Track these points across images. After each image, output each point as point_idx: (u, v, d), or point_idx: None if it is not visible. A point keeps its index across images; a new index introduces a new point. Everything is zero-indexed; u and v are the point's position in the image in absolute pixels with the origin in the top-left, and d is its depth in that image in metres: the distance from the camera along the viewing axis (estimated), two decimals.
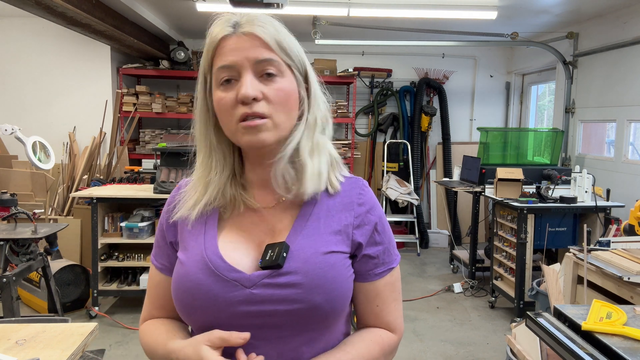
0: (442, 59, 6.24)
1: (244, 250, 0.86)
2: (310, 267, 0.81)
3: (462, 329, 3.66)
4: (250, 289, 0.80)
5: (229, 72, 0.80)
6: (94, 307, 3.70)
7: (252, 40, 0.80)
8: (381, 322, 0.92)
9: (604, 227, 3.60)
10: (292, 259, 0.81)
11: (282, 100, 0.81)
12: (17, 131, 2.93)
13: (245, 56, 0.79)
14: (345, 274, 0.85)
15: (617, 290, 2.09)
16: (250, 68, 0.80)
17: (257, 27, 0.81)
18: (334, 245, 0.85)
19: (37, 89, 5.28)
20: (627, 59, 4.18)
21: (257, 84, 0.80)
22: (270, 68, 0.80)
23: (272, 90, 0.80)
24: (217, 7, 4.21)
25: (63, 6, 3.26)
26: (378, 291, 0.90)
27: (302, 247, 0.83)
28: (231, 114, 0.80)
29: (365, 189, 0.92)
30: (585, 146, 4.96)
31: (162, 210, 0.96)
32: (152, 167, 4.19)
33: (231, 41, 0.80)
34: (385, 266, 0.90)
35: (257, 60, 0.80)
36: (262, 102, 0.79)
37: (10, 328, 1.44)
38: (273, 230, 0.87)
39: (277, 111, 0.81)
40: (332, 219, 0.87)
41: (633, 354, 1.17)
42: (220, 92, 0.81)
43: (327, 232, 0.86)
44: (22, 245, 2.78)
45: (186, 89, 5.99)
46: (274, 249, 0.82)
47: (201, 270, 0.82)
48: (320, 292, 0.80)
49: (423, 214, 6.14)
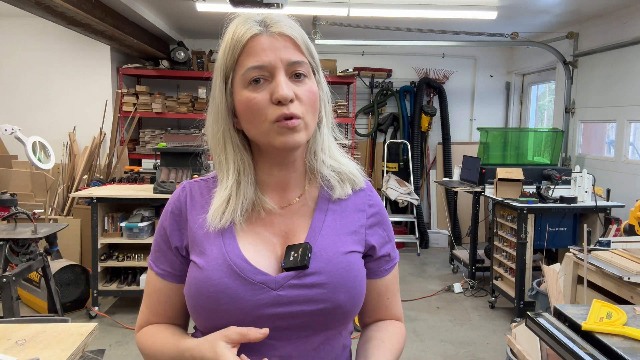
0: (442, 59, 6.24)
1: (264, 252, 0.85)
2: (333, 267, 0.83)
3: (462, 329, 3.66)
4: (277, 291, 0.80)
5: (260, 72, 0.78)
6: (94, 307, 3.71)
7: (284, 41, 0.79)
8: (391, 314, 0.97)
9: (604, 227, 3.60)
10: (315, 260, 0.82)
11: (311, 101, 0.82)
12: (17, 131, 2.93)
13: (279, 56, 0.78)
14: (362, 272, 0.88)
15: (617, 290, 2.09)
16: (284, 68, 0.79)
17: (287, 27, 0.81)
18: (352, 245, 0.87)
19: (37, 89, 5.28)
20: (627, 59, 4.18)
21: (290, 85, 0.79)
22: (301, 69, 0.80)
23: (304, 91, 0.80)
24: (217, 7, 4.21)
25: (63, 6, 3.26)
26: (388, 285, 0.95)
27: (324, 248, 0.84)
28: (264, 115, 0.79)
29: (372, 190, 0.97)
30: (585, 146, 4.96)
31: (164, 212, 0.91)
32: (152, 167, 4.19)
33: (262, 40, 0.79)
34: (392, 261, 0.95)
35: (291, 62, 0.79)
36: (296, 102, 0.79)
37: (10, 328, 1.44)
38: (287, 231, 0.87)
39: (307, 112, 0.81)
40: (347, 220, 0.89)
41: (633, 354, 1.17)
42: (248, 92, 0.79)
43: (344, 233, 0.88)
44: (22, 245, 2.78)
45: (186, 89, 5.98)
46: (296, 250, 0.82)
47: (226, 274, 0.80)
48: (343, 291, 0.82)
49: (423, 214, 6.14)
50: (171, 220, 0.89)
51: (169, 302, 0.90)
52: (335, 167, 0.89)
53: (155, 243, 0.92)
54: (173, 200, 0.91)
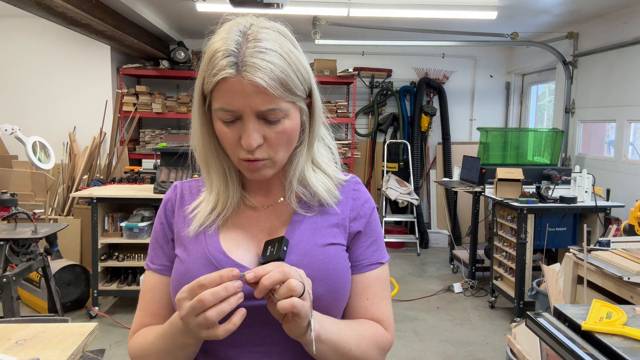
0: (442, 59, 6.24)
1: (245, 246, 0.87)
2: (310, 259, 0.83)
3: (462, 329, 3.66)
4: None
5: (230, 114, 0.78)
6: (94, 307, 3.71)
7: (255, 87, 0.75)
8: (371, 318, 0.90)
9: (604, 227, 3.60)
10: (292, 253, 0.83)
11: (283, 141, 0.81)
12: (17, 131, 2.93)
13: (249, 104, 0.76)
14: (345, 265, 0.87)
15: (617, 290, 2.09)
16: (253, 115, 0.77)
17: (260, 71, 0.74)
18: (332, 238, 0.87)
19: (37, 89, 5.28)
20: (627, 59, 4.18)
21: (259, 128, 0.78)
22: (272, 116, 0.78)
23: (275, 133, 0.79)
24: (217, 7, 4.22)
25: (63, 6, 3.26)
26: (368, 283, 0.90)
27: (301, 240, 0.85)
28: (233, 151, 0.81)
29: (358, 185, 0.96)
30: (585, 146, 4.96)
31: (158, 211, 0.96)
32: (152, 167, 4.20)
33: (233, 84, 0.75)
34: (375, 259, 0.91)
35: (260, 112, 0.77)
36: (264, 145, 0.80)
37: (10, 328, 1.44)
38: (271, 227, 0.89)
39: (278, 150, 0.81)
40: (329, 213, 0.90)
41: (633, 354, 1.17)
42: (221, 125, 0.80)
43: (325, 226, 0.88)
44: (22, 245, 2.78)
45: (186, 89, 5.99)
46: (273, 245, 0.83)
47: (204, 267, 0.83)
48: (322, 284, 0.82)
49: (423, 214, 6.14)
50: (165, 214, 0.94)
51: (164, 298, 0.90)
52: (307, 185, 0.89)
53: (151, 244, 0.95)
54: (165, 199, 0.96)
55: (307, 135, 0.87)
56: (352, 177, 0.97)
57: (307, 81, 0.83)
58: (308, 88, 0.84)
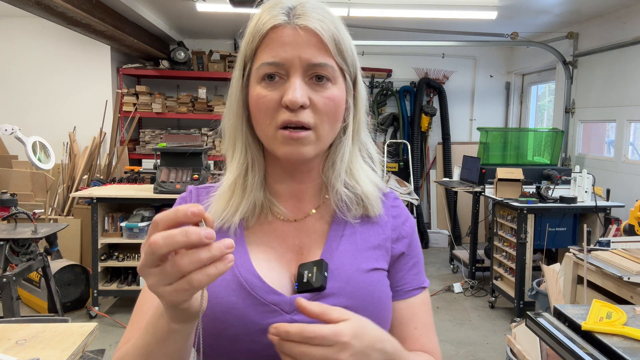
0: (442, 59, 6.24)
1: (277, 269, 0.74)
2: (354, 287, 0.72)
3: (462, 329, 3.66)
4: (291, 315, 0.69)
5: (275, 68, 0.68)
6: (94, 307, 3.70)
7: (308, 37, 0.68)
8: (422, 349, 0.78)
9: (604, 227, 3.60)
10: (332, 279, 0.72)
11: (330, 110, 0.70)
12: (17, 131, 2.93)
13: (298, 55, 0.68)
14: (388, 294, 0.77)
15: (617, 290, 2.09)
16: (302, 69, 0.68)
17: (316, 20, 0.69)
18: (375, 262, 0.76)
19: (37, 89, 5.28)
20: (627, 59, 4.18)
21: (305, 89, 0.69)
22: (323, 72, 0.69)
23: (322, 98, 0.69)
24: (217, 7, 4.22)
25: (63, 6, 3.26)
26: (414, 311, 0.80)
27: (342, 265, 0.73)
28: (271, 117, 0.69)
29: (397, 200, 0.85)
30: (585, 146, 4.96)
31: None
32: (152, 167, 4.19)
33: (283, 33, 0.68)
34: (417, 283, 0.82)
35: (311, 64, 0.68)
36: (309, 110, 0.69)
37: (10, 328, 1.44)
38: (301, 246, 0.76)
39: (322, 122, 0.70)
40: (369, 233, 0.78)
41: (633, 354, 1.17)
42: (260, 88, 0.70)
43: (366, 248, 0.77)
44: (22, 245, 2.78)
45: (186, 89, 5.98)
46: (310, 269, 0.72)
47: (234, 292, 0.70)
48: (368, 315, 0.68)
49: (423, 214, 6.14)
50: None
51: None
52: (350, 185, 0.77)
53: None
54: (178, 202, 0.83)
55: (351, 123, 0.76)
56: (390, 191, 0.85)
57: (354, 65, 0.75)
58: (354, 73, 0.75)
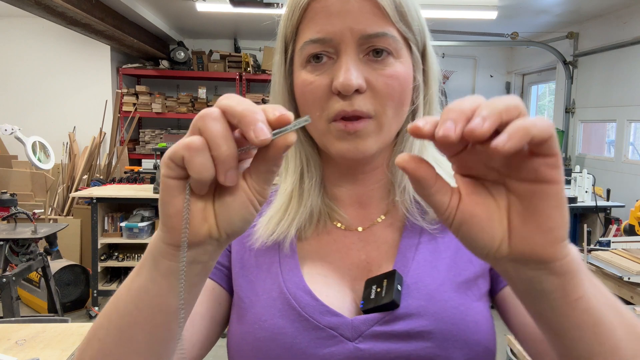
0: (442, 59, 6.08)
1: (337, 287, 0.59)
2: (439, 307, 0.55)
3: None
4: (354, 343, 0.54)
5: (320, 46, 0.54)
6: (94, 307, 3.70)
7: (360, 2, 0.53)
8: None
9: (604, 227, 3.60)
10: (409, 296, 0.56)
11: (393, 92, 0.55)
12: (17, 131, 2.94)
13: (349, 26, 0.53)
14: (487, 315, 0.58)
15: (617, 290, 2.09)
16: (354, 44, 0.54)
17: None
18: (467, 274, 0.59)
19: (38, 88, 5.28)
20: (627, 59, 4.18)
21: (361, 68, 0.54)
22: (382, 44, 0.54)
23: (382, 77, 0.55)
24: (217, 7, 4.22)
25: (63, 6, 3.26)
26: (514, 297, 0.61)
27: (421, 278, 0.57)
28: (321, 108, 0.55)
29: None
30: (585, 146, 4.96)
31: None
32: (152, 167, 4.20)
33: (328, 2, 0.54)
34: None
35: (366, 35, 0.53)
36: (367, 94, 0.54)
37: (10, 328, 1.44)
38: (369, 261, 0.61)
39: (384, 107, 0.55)
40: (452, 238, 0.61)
41: None
42: (306, 73, 0.56)
43: (449, 256, 0.60)
44: (22, 245, 2.78)
45: (186, 89, 5.98)
46: (379, 283, 0.56)
47: (280, 312, 0.56)
48: (459, 345, 0.54)
49: None
50: None
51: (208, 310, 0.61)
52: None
53: None
54: None
55: (421, 105, 0.62)
56: None
57: (422, 32, 0.60)
58: (423, 42, 0.61)
